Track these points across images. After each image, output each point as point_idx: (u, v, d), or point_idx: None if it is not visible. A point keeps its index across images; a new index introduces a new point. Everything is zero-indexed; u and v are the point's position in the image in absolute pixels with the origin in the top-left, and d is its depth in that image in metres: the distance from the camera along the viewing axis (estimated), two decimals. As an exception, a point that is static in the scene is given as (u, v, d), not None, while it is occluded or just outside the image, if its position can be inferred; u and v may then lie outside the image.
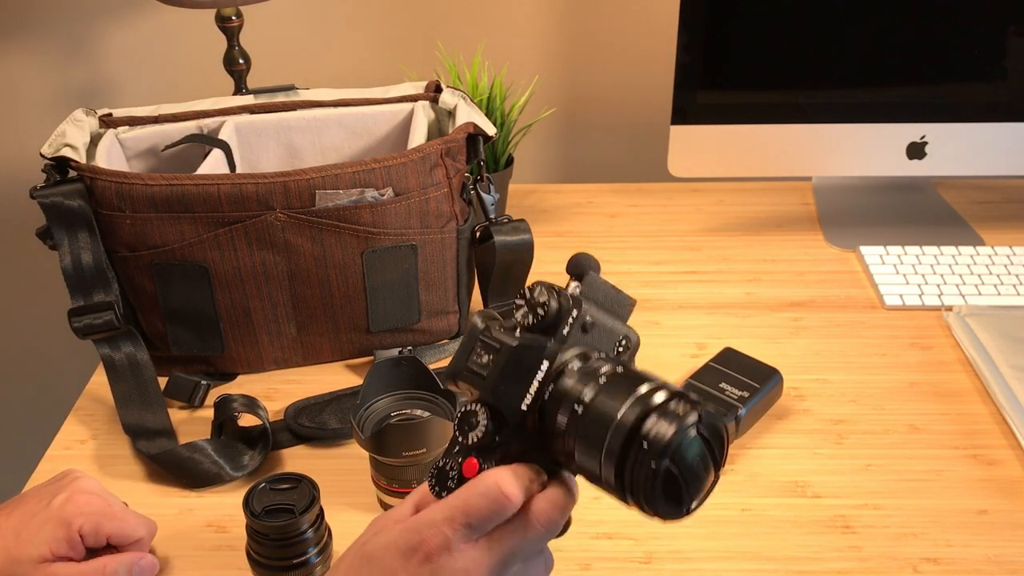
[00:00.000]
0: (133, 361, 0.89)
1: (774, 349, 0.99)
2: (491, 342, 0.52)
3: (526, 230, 0.97)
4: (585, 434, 0.48)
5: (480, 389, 0.52)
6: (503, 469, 0.50)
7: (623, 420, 0.47)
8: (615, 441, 0.47)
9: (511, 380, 0.51)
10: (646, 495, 0.47)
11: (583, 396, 0.49)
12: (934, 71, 1.14)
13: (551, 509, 0.50)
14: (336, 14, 1.36)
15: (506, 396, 0.51)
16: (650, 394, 0.48)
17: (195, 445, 0.85)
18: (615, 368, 0.50)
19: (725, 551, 0.77)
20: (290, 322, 0.94)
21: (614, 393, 0.48)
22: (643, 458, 0.46)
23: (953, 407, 0.91)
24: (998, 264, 1.10)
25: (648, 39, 1.35)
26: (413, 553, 0.49)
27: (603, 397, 0.48)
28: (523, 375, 0.51)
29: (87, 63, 1.38)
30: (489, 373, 0.51)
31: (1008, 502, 0.81)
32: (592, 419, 0.48)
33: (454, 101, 1.01)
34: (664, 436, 0.46)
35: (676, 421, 0.46)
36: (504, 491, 0.49)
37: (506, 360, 0.51)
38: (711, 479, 0.49)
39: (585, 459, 0.49)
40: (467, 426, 0.51)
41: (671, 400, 0.47)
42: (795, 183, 1.31)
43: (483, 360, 0.52)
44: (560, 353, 0.51)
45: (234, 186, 0.86)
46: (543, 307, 0.51)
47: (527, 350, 0.51)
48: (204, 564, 0.77)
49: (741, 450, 0.86)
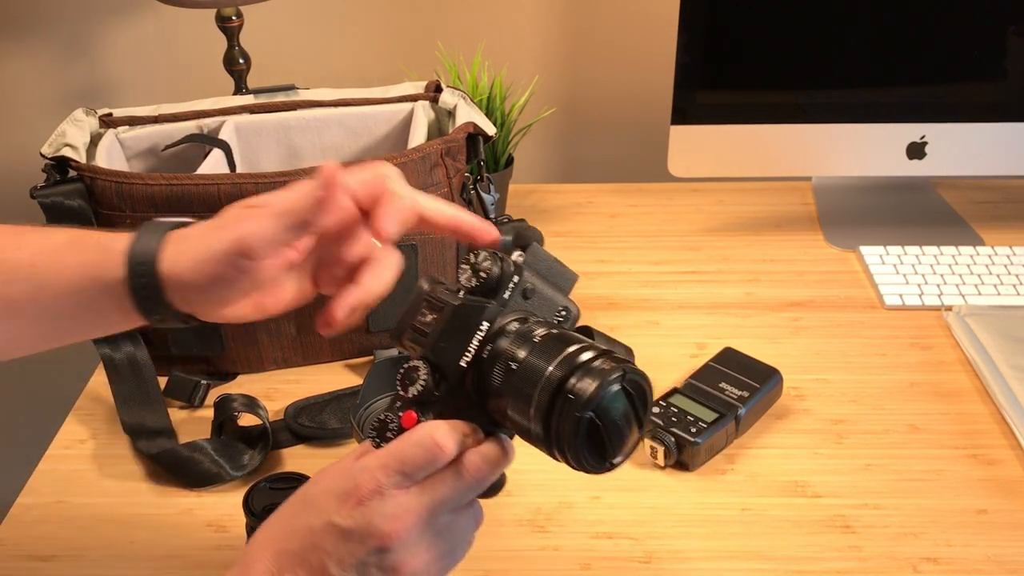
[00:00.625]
0: (133, 361, 0.89)
1: (774, 349, 0.99)
2: (435, 301, 0.55)
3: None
4: (517, 390, 0.51)
5: (422, 346, 0.54)
6: (439, 422, 0.52)
7: (551, 376, 0.50)
8: (543, 395, 0.50)
9: (452, 338, 0.53)
10: (570, 446, 0.50)
11: (517, 355, 0.52)
12: (934, 71, 1.14)
13: (482, 463, 0.52)
14: (336, 14, 1.36)
15: (446, 353, 0.53)
16: (577, 353, 0.51)
17: (195, 445, 0.85)
18: (549, 330, 0.53)
19: (725, 551, 0.77)
20: (290, 322, 0.94)
21: (545, 352, 0.51)
22: (568, 410, 0.49)
23: (953, 407, 0.91)
24: (998, 264, 1.10)
25: (648, 39, 1.35)
26: (347, 497, 0.51)
27: (535, 356, 0.51)
28: (464, 334, 0.53)
29: (87, 63, 1.38)
30: (432, 331, 0.54)
31: (1008, 502, 0.81)
32: (523, 376, 0.51)
33: (454, 101, 1.01)
34: (587, 389, 0.49)
35: (600, 376, 0.49)
36: (437, 441, 0.51)
37: (448, 318, 0.54)
38: (634, 434, 0.52)
39: (516, 414, 0.51)
40: (408, 380, 0.54)
41: (597, 358, 0.50)
42: (795, 183, 1.31)
43: (427, 319, 0.55)
44: (500, 316, 0.54)
45: (234, 186, 0.87)
46: (486, 271, 0.54)
47: (468, 309, 0.54)
48: (204, 564, 0.77)
49: (741, 450, 0.86)
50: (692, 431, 0.82)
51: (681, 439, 0.82)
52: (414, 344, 0.55)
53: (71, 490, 0.84)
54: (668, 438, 0.83)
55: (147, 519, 0.81)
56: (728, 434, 0.85)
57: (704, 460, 0.84)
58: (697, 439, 0.82)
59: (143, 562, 0.77)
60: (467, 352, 0.53)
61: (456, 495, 0.52)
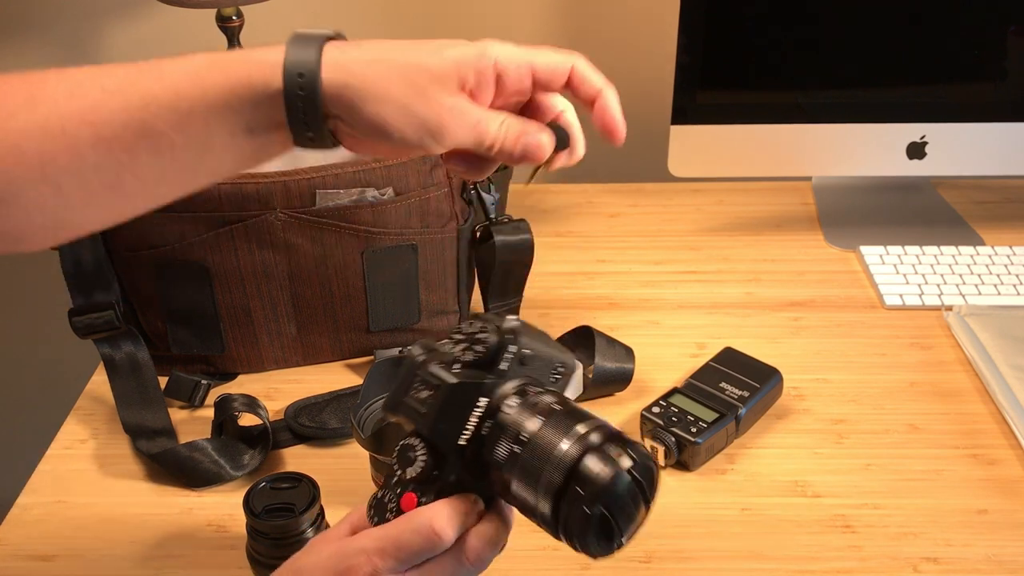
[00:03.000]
0: (133, 360, 0.89)
1: (774, 349, 0.99)
2: (429, 378, 0.52)
3: (526, 230, 0.97)
4: (523, 469, 0.50)
5: (418, 425, 0.52)
6: (439, 506, 0.51)
7: (561, 458, 0.49)
8: (554, 477, 0.49)
9: (449, 417, 0.52)
10: (580, 537, 0.49)
11: (521, 433, 0.50)
12: (934, 71, 1.14)
13: (483, 546, 0.51)
14: (336, 14, 1.36)
15: (444, 433, 0.52)
16: (588, 434, 0.49)
17: (195, 444, 0.85)
18: (552, 405, 0.51)
19: (725, 551, 0.77)
20: (290, 322, 0.94)
21: (553, 430, 0.50)
22: (578, 501, 0.48)
23: (953, 407, 0.91)
24: (998, 264, 1.10)
25: (648, 39, 1.35)
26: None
27: (542, 433, 0.50)
28: (461, 412, 0.52)
29: (87, 63, 1.38)
30: (428, 410, 0.52)
31: (1008, 502, 0.81)
32: (531, 455, 0.50)
33: (454, 101, 1.01)
34: (599, 481, 0.48)
35: (611, 465, 0.48)
36: (436, 530, 0.49)
37: (444, 398, 0.52)
38: (642, 516, 0.51)
39: (522, 491, 0.50)
40: (405, 461, 0.52)
41: (606, 443, 0.49)
42: (795, 183, 1.31)
43: (421, 395, 0.52)
44: (497, 388, 0.52)
45: (234, 186, 0.87)
46: (482, 344, 0.52)
47: (465, 388, 0.52)
48: (204, 563, 0.77)
49: (741, 450, 0.86)
50: (692, 431, 0.82)
51: (681, 439, 0.82)
52: (408, 420, 0.53)
53: (71, 490, 0.84)
54: (668, 438, 0.83)
55: (147, 519, 0.81)
56: (728, 434, 0.85)
57: (704, 460, 0.84)
58: (697, 439, 0.82)
59: (143, 562, 0.77)
60: (465, 430, 0.52)
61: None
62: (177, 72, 0.53)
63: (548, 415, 0.51)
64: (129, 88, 0.53)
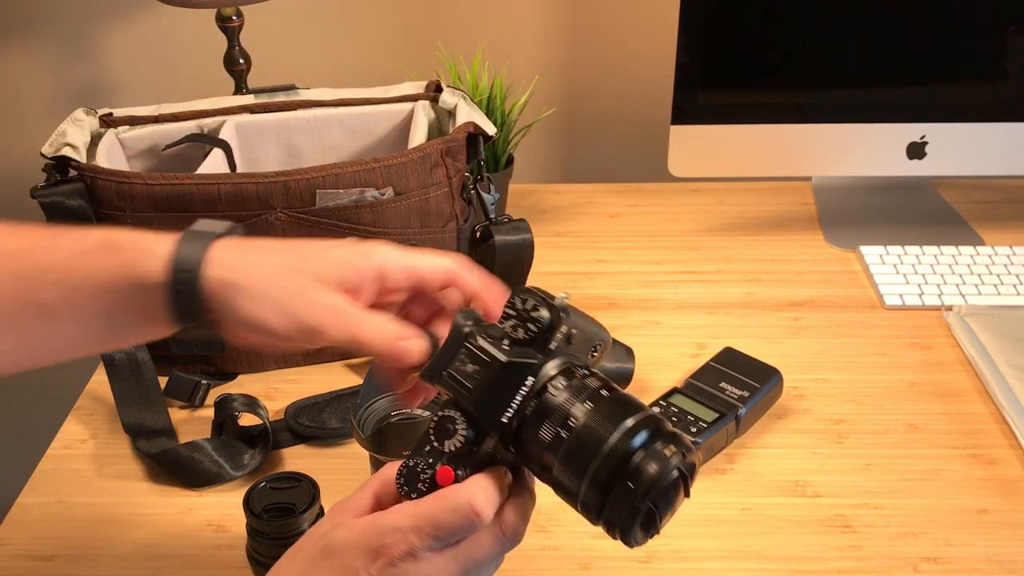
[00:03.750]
0: (133, 360, 0.89)
1: (774, 349, 0.99)
2: (478, 352, 0.52)
3: (526, 229, 0.97)
4: (569, 454, 0.49)
5: (460, 398, 0.52)
6: (478, 484, 0.50)
7: (611, 452, 0.48)
8: (602, 469, 0.48)
9: (495, 395, 0.51)
10: (623, 528, 0.49)
11: (569, 418, 0.50)
12: (934, 71, 1.14)
13: (518, 521, 0.51)
14: (336, 14, 1.36)
15: (487, 410, 0.51)
16: (637, 428, 0.49)
17: (195, 444, 0.85)
18: (600, 391, 0.51)
19: (725, 551, 0.77)
20: (290, 322, 0.94)
21: (602, 419, 0.49)
22: (627, 496, 0.48)
23: (953, 407, 0.91)
24: (998, 264, 1.10)
25: (648, 39, 1.35)
26: (376, 555, 0.49)
27: (591, 422, 0.49)
28: (508, 390, 0.51)
29: (87, 63, 1.38)
30: (474, 385, 0.51)
31: (1008, 501, 0.81)
32: (578, 443, 0.49)
33: (454, 101, 1.01)
34: (649, 479, 0.48)
35: (660, 463, 0.48)
36: (476, 509, 0.49)
37: (493, 375, 0.51)
38: (681, 501, 0.51)
39: (565, 477, 0.50)
40: (444, 433, 0.51)
41: (656, 439, 0.49)
42: (795, 183, 1.31)
43: (467, 369, 0.52)
44: (543, 366, 0.51)
45: (235, 186, 0.87)
46: (535, 322, 0.52)
47: (516, 367, 0.51)
48: (204, 563, 0.77)
49: (741, 450, 0.86)
50: (692, 431, 0.82)
51: (681, 439, 0.82)
52: (450, 392, 0.52)
53: (71, 490, 0.84)
54: (668, 438, 0.83)
55: (147, 519, 0.81)
56: (728, 434, 0.85)
57: (704, 460, 0.84)
58: (697, 439, 0.82)
59: (143, 562, 0.77)
60: (510, 408, 0.51)
61: (492, 555, 0.51)
62: (70, 247, 0.56)
63: (596, 401, 0.50)
64: (22, 256, 0.56)
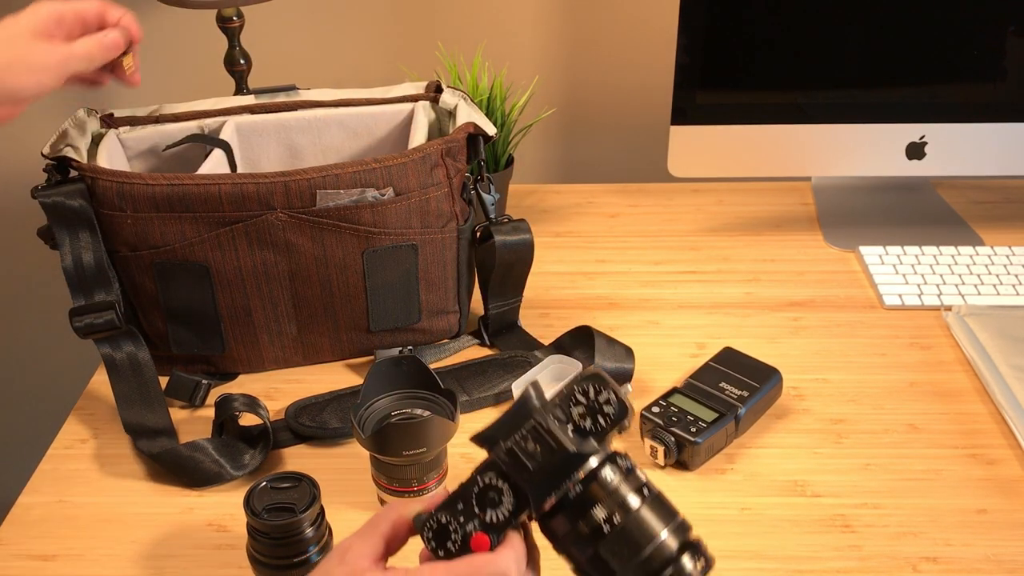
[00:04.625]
0: (134, 360, 0.89)
1: (774, 349, 0.99)
2: (546, 436, 0.53)
3: (526, 230, 0.97)
4: (618, 543, 0.52)
5: (515, 473, 0.53)
6: (511, 556, 0.52)
7: (663, 546, 0.52)
8: (653, 559, 0.51)
9: (551, 477, 0.53)
10: None
11: (623, 507, 0.52)
12: (934, 71, 1.14)
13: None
14: (336, 14, 1.36)
15: (540, 489, 0.53)
16: (681, 529, 0.53)
17: (196, 444, 0.85)
18: (643, 488, 0.53)
19: (725, 550, 0.77)
20: (291, 322, 0.94)
21: (652, 514, 0.52)
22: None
23: (952, 407, 0.91)
24: (997, 264, 1.10)
25: (648, 39, 1.35)
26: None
27: (642, 514, 0.52)
28: (564, 475, 0.53)
29: (88, 63, 1.38)
30: (535, 467, 0.53)
31: (1007, 501, 0.81)
32: (631, 531, 0.52)
33: (454, 101, 1.01)
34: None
35: (701, 562, 0.52)
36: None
37: (556, 461, 0.53)
38: None
39: (612, 559, 0.52)
40: (487, 502, 0.53)
41: (696, 547, 0.52)
42: (795, 183, 1.31)
43: (529, 447, 0.53)
44: (595, 454, 0.53)
45: (235, 186, 0.87)
46: (605, 417, 0.53)
47: (577, 458, 0.53)
48: (205, 563, 0.77)
49: (741, 449, 0.86)
50: (692, 431, 0.83)
51: (681, 439, 0.82)
52: (505, 465, 0.53)
53: (72, 490, 0.85)
54: (668, 438, 0.83)
55: (147, 519, 0.81)
56: (728, 434, 0.85)
57: (704, 460, 0.84)
58: (697, 439, 0.82)
59: (143, 562, 0.77)
60: (557, 491, 0.53)
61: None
62: None
63: (643, 498, 0.53)
64: None
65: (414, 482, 0.78)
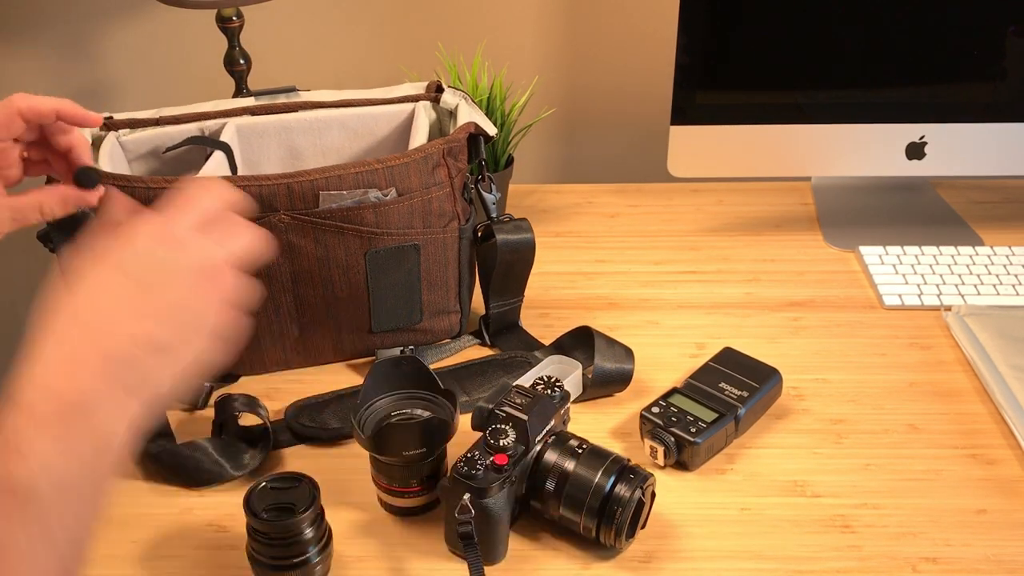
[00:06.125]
0: (134, 361, 0.89)
1: (774, 349, 0.99)
2: (524, 393, 0.78)
3: (528, 229, 0.97)
4: (571, 494, 0.75)
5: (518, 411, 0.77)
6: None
7: (599, 484, 0.74)
8: (594, 500, 0.74)
9: (538, 418, 0.77)
10: (616, 534, 0.74)
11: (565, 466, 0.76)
12: (933, 71, 1.14)
13: None
14: (336, 15, 1.36)
15: (533, 426, 0.76)
16: (612, 466, 0.75)
17: (196, 444, 0.85)
18: (578, 448, 0.77)
19: (725, 551, 0.77)
20: (293, 324, 0.94)
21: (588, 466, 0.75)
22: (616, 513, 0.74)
23: (952, 407, 0.91)
24: (997, 264, 1.10)
25: (648, 39, 1.35)
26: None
27: (582, 467, 0.75)
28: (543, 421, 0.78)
29: (87, 64, 1.39)
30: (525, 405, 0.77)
31: (1007, 501, 0.81)
32: (576, 483, 0.75)
33: (455, 101, 1.01)
34: (627, 498, 0.73)
35: (634, 487, 0.74)
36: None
37: (535, 404, 0.77)
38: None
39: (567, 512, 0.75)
40: (499, 434, 0.75)
41: (626, 471, 0.75)
42: (795, 183, 1.31)
43: (517, 400, 0.78)
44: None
45: (238, 188, 0.86)
46: (552, 387, 0.81)
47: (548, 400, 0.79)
48: (205, 563, 0.77)
49: (741, 450, 0.86)
50: (692, 431, 0.83)
51: (681, 439, 0.82)
52: (510, 409, 0.77)
53: (73, 490, 0.84)
54: (668, 438, 0.83)
55: (147, 519, 0.81)
56: (728, 434, 0.85)
57: (704, 460, 0.84)
58: (697, 439, 0.82)
59: (143, 562, 0.77)
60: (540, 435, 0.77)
61: None
62: None
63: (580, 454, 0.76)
64: None
65: (414, 482, 0.78)
